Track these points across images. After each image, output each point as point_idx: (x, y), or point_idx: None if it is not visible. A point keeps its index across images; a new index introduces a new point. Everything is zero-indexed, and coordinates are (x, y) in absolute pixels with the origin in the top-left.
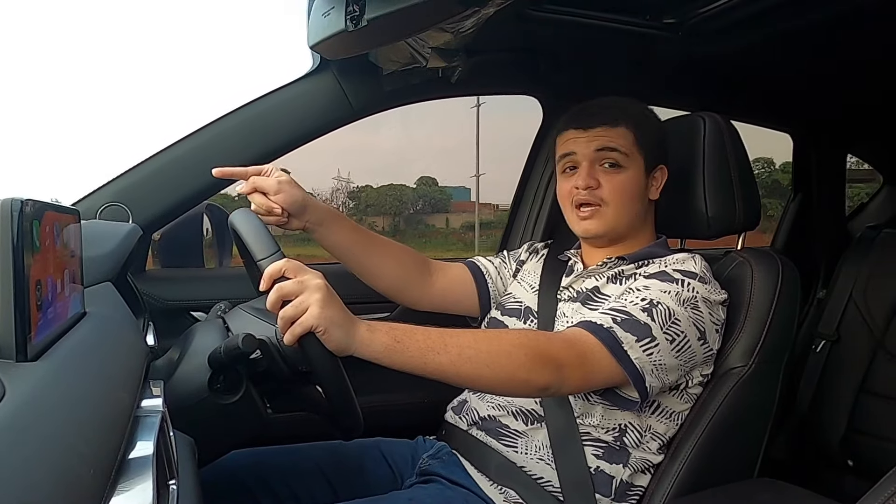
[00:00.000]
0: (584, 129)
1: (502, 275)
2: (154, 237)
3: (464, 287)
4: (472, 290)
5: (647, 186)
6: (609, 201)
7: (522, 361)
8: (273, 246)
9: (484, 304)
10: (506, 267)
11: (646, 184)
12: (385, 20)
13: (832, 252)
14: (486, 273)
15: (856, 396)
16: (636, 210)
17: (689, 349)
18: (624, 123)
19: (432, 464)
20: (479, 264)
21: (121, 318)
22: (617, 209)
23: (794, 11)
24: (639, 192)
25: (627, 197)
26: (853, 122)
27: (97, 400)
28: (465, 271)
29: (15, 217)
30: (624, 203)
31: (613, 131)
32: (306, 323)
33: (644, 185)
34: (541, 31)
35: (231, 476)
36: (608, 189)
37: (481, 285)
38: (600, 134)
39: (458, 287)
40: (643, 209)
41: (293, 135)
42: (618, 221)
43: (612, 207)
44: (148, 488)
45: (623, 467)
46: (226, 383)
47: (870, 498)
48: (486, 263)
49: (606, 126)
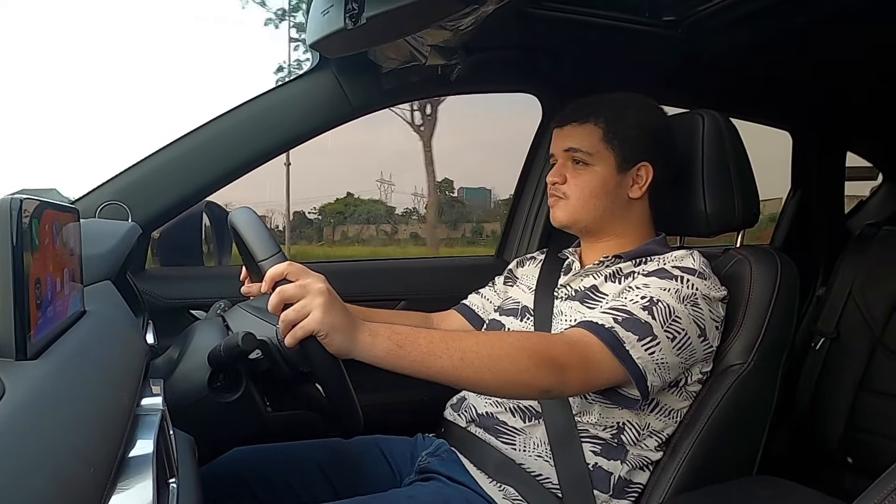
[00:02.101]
0: (559, 128)
1: (491, 300)
2: (153, 236)
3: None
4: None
5: (619, 184)
6: (570, 195)
7: (525, 364)
8: (274, 247)
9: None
10: (493, 289)
11: (618, 181)
12: (384, 18)
13: (831, 249)
14: (475, 307)
15: (855, 394)
16: (603, 206)
17: (689, 346)
18: (594, 121)
19: (432, 461)
20: (468, 304)
21: (120, 317)
22: (577, 202)
23: (794, 8)
24: (605, 190)
25: (588, 193)
26: (852, 120)
27: (97, 398)
28: (459, 316)
29: (14, 216)
30: (585, 198)
31: (580, 129)
32: (308, 327)
33: (614, 183)
34: (540, 28)
35: (231, 474)
36: (571, 184)
37: (473, 320)
38: (569, 133)
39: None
40: (618, 206)
41: (292, 133)
42: (579, 214)
43: (571, 200)
44: (148, 486)
45: (621, 464)
46: (225, 382)
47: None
48: (473, 299)
49: (575, 124)
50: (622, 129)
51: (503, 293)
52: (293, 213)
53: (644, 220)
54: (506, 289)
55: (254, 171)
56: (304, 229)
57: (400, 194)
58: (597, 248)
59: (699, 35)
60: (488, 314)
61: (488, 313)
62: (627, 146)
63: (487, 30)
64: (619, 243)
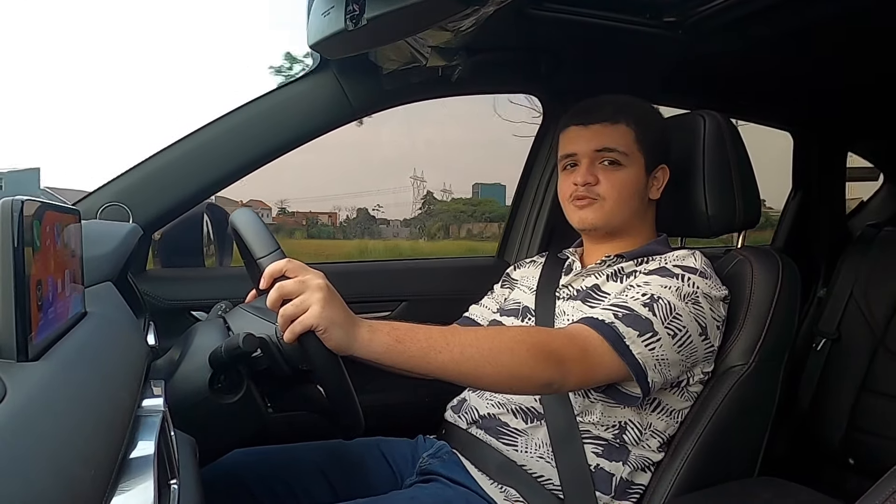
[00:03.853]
0: (584, 126)
1: (490, 307)
2: (154, 237)
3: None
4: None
5: (646, 185)
6: (607, 197)
7: (524, 357)
8: (273, 244)
9: None
10: (492, 297)
11: (646, 183)
12: (385, 19)
13: (832, 250)
14: (475, 317)
15: (857, 394)
16: (633, 207)
17: (690, 344)
18: (625, 121)
19: (432, 463)
20: (469, 315)
21: (121, 318)
22: (614, 204)
23: (795, 9)
24: (637, 191)
25: (627, 193)
26: (853, 120)
27: (98, 400)
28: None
29: (16, 217)
30: (622, 199)
31: (614, 129)
32: (306, 322)
33: (644, 184)
34: (541, 29)
35: (232, 475)
36: (606, 185)
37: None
38: (600, 132)
39: None
40: (642, 207)
41: (293, 134)
42: (614, 216)
43: (608, 202)
44: (149, 488)
45: (623, 465)
46: (227, 383)
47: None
48: (473, 310)
49: (606, 123)
50: (650, 131)
51: (502, 297)
52: (357, 209)
53: (649, 221)
54: (504, 292)
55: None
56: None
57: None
58: (601, 248)
59: (700, 36)
60: (488, 319)
61: (483, 316)
62: (654, 149)
63: (488, 31)
64: (623, 243)
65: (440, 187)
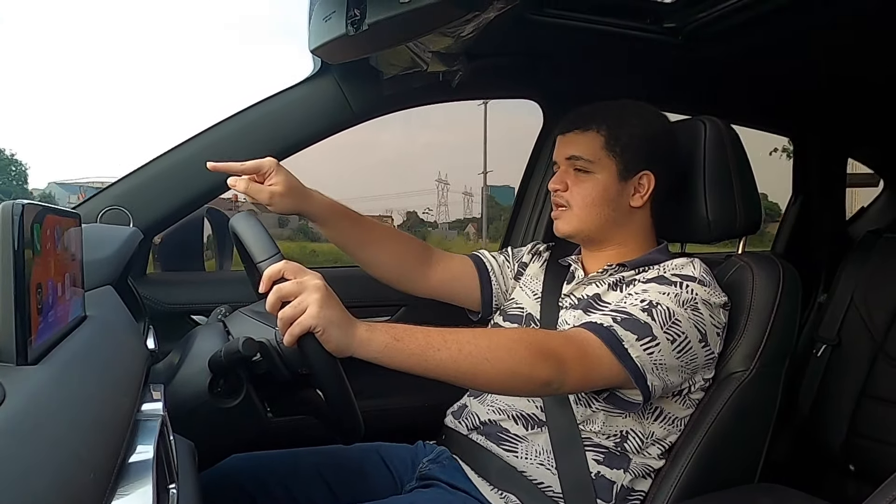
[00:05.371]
0: (563, 134)
1: (504, 273)
2: (155, 241)
3: (466, 279)
4: (475, 283)
5: (621, 192)
6: (573, 204)
7: (523, 356)
8: (273, 248)
9: (486, 299)
10: (508, 266)
11: (619, 189)
12: (386, 24)
13: (833, 256)
14: (491, 269)
15: (857, 400)
16: (605, 215)
17: (690, 350)
18: (596, 128)
19: (432, 468)
20: (484, 259)
21: (121, 322)
22: (579, 211)
23: (795, 15)
24: (607, 198)
25: (591, 201)
26: (854, 126)
27: (97, 403)
28: (469, 265)
29: (16, 220)
30: (587, 206)
31: (582, 137)
32: (305, 323)
33: (616, 191)
34: (541, 35)
35: (231, 480)
36: (573, 192)
37: (485, 280)
38: (571, 140)
39: (459, 279)
40: (618, 216)
41: (294, 139)
42: (582, 223)
43: (574, 209)
44: (148, 492)
45: (624, 472)
46: (226, 387)
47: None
48: (491, 259)
49: (577, 131)
50: (624, 136)
51: (509, 280)
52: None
53: (646, 229)
54: (515, 284)
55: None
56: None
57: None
58: (599, 256)
59: (700, 42)
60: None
61: (497, 278)
62: (629, 154)
63: (489, 36)
64: (621, 252)
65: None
